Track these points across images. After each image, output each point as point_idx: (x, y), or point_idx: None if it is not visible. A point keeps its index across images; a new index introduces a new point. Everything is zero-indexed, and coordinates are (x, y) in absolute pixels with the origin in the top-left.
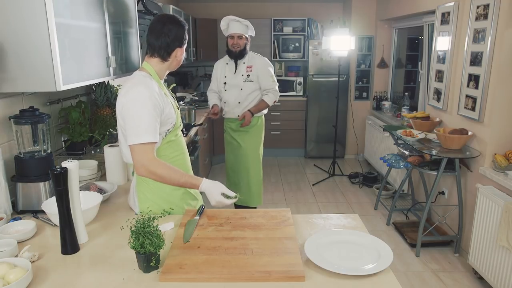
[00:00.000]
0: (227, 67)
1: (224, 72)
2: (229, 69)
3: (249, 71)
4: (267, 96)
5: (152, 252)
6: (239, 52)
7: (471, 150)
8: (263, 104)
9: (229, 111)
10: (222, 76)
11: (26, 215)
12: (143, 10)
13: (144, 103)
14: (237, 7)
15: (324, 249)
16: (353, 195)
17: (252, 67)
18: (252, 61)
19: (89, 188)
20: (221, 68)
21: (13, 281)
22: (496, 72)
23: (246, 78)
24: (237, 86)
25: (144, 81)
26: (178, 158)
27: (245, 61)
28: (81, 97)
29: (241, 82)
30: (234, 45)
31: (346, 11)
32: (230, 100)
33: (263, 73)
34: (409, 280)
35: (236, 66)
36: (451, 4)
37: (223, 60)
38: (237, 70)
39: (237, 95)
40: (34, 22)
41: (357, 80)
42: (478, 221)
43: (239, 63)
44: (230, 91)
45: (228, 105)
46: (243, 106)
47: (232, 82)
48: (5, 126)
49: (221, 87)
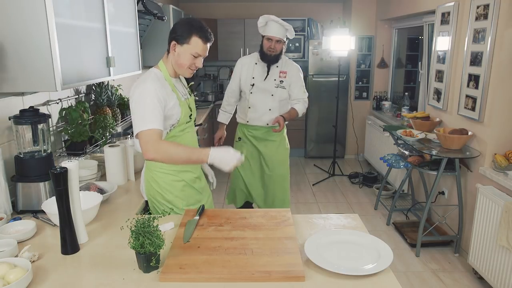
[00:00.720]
0: (256, 68)
1: (252, 73)
2: (258, 70)
3: (283, 77)
4: (298, 105)
5: (152, 252)
6: (274, 56)
7: (471, 150)
8: (294, 112)
9: (255, 117)
10: (249, 77)
11: (26, 215)
12: (143, 10)
13: (149, 95)
14: (237, 7)
15: (324, 249)
16: (353, 195)
17: (286, 73)
18: (286, 67)
19: (89, 188)
20: (249, 68)
21: (13, 281)
22: (496, 72)
23: (279, 84)
24: (268, 91)
25: (152, 76)
26: None
27: (278, 65)
28: (81, 97)
29: (273, 87)
30: (270, 49)
31: (346, 11)
32: (258, 105)
33: (296, 81)
34: (409, 280)
35: (269, 71)
36: (451, 4)
37: (250, 58)
38: (269, 74)
39: (268, 101)
40: (34, 22)
41: (357, 80)
42: (478, 221)
43: (272, 67)
44: (257, 95)
45: (255, 111)
46: (274, 114)
47: (261, 85)
48: (5, 126)
49: (247, 88)
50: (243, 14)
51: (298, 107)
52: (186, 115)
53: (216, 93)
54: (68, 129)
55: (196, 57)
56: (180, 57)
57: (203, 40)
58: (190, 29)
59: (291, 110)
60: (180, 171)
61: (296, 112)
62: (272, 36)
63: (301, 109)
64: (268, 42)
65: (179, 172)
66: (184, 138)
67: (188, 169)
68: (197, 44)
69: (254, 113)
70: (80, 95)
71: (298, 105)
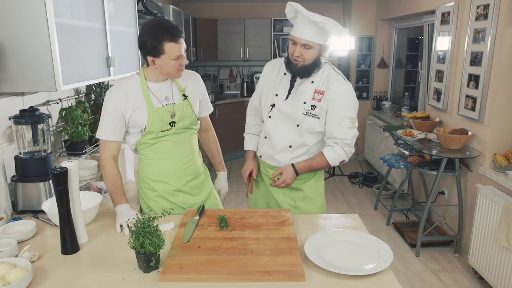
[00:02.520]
0: (284, 81)
1: (278, 86)
2: (284, 84)
3: (318, 99)
4: (332, 151)
5: (152, 252)
6: (301, 68)
7: (471, 150)
8: (321, 161)
9: (268, 154)
10: (272, 92)
11: (26, 215)
12: (143, 10)
13: (106, 104)
14: (237, 7)
15: (324, 249)
16: (353, 195)
17: (324, 94)
18: (327, 84)
19: (89, 188)
20: (276, 78)
21: (13, 281)
22: (496, 72)
23: (310, 109)
24: (292, 117)
25: (121, 83)
26: (158, 162)
27: (314, 80)
28: (81, 97)
29: (299, 113)
30: (295, 56)
31: (346, 11)
32: (276, 136)
33: (337, 110)
34: (409, 280)
35: (292, 86)
36: (451, 4)
37: (280, 63)
38: (294, 91)
39: (290, 132)
40: (34, 22)
41: (357, 80)
42: (478, 221)
43: (303, 83)
44: (277, 122)
45: (270, 144)
46: (296, 154)
47: (284, 107)
48: (5, 126)
49: (265, 108)
50: (243, 14)
51: (330, 154)
52: (159, 123)
53: (216, 93)
54: (68, 129)
55: (177, 58)
56: (163, 67)
57: (174, 41)
58: (158, 38)
59: (317, 157)
60: (153, 180)
61: (325, 161)
62: (297, 37)
63: (335, 157)
64: (292, 46)
65: (152, 181)
66: (159, 147)
67: (164, 180)
68: (172, 48)
69: (269, 147)
70: (80, 95)
71: (331, 151)
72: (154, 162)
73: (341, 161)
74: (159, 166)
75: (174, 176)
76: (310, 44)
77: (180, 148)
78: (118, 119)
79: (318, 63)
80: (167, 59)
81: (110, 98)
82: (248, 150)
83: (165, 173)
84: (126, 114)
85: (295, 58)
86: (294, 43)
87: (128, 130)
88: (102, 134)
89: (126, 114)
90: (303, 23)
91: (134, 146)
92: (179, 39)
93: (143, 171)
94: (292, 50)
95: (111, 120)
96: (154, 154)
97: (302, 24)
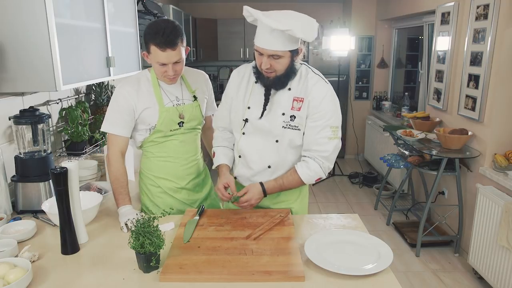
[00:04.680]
0: (256, 90)
1: (249, 97)
2: (257, 95)
3: (297, 108)
4: (306, 167)
5: (152, 252)
6: (274, 80)
7: (471, 150)
8: (294, 179)
9: (245, 176)
10: (243, 105)
11: (26, 215)
12: (143, 10)
13: (117, 98)
14: (237, 7)
15: (324, 249)
16: (353, 195)
17: (303, 102)
18: (306, 89)
19: (89, 188)
20: (245, 88)
21: (13, 281)
22: (496, 72)
23: (289, 121)
24: (270, 133)
25: (132, 79)
26: (165, 161)
27: (292, 87)
28: (81, 97)
29: (278, 127)
30: (263, 68)
31: (346, 11)
32: (251, 156)
33: (319, 117)
34: (409, 280)
35: (267, 100)
36: (451, 4)
37: (249, 71)
38: (270, 103)
39: (268, 150)
40: (34, 22)
41: (357, 80)
42: (478, 221)
43: (279, 93)
44: (252, 139)
45: (246, 164)
46: (277, 175)
47: (260, 123)
48: (5, 126)
49: (237, 123)
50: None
51: (304, 171)
52: (169, 123)
53: (216, 93)
54: (68, 129)
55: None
56: (153, 67)
57: (159, 47)
58: (146, 36)
59: (288, 175)
60: (157, 177)
61: (298, 179)
62: (261, 48)
63: (307, 174)
64: (259, 57)
65: (156, 178)
66: (167, 146)
67: (168, 178)
68: (156, 53)
69: (244, 168)
70: (80, 95)
71: (305, 166)
72: (160, 160)
73: (318, 178)
74: (166, 165)
75: (179, 175)
76: (278, 54)
77: (187, 147)
78: (128, 114)
79: (293, 70)
80: (153, 60)
81: (121, 92)
82: (220, 164)
83: (170, 171)
84: (136, 111)
85: (265, 70)
86: (260, 54)
87: (137, 127)
88: (112, 128)
89: (137, 110)
90: (265, 31)
91: (140, 143)
92: (165, 49)
93: (147, 168)
94: (259, 62)
95: (121, 114)
96: (161, 153)
97: (264, 32)
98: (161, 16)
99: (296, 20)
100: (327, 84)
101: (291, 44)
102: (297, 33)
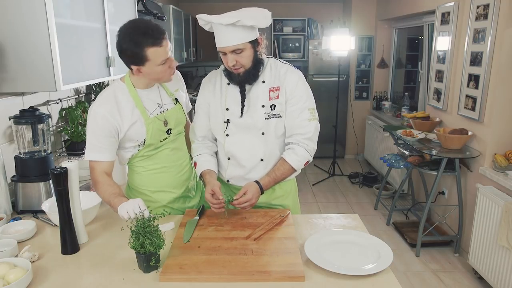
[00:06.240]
0: (230, 92)
1: (224, 99)
2: (232, 95)
3: (275, 96)
4: (293, 153)
5: (152, 252)
6: (245, 74)
7: (471, 150)
8: (285, 169)
9: (238, 176)
10: (221, 108)
11: (26, 215)
12: (143, 10)
13: (95, 119)
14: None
15: (324, 249)
16: (353, 195)
17: (280, 90)
18: (279, 77)
19: (89, 188)
20: (219, 91)
21: (13, 281)
22: (496, 72)
23: (270, 111)
24: (254, 127)
25: (107, 94)
26: (160, 172)
27: (265, 79)
28: (81, 97)
29: (261, 120)
30: (231, 66)
31: (346, 11)
32: (241, 155)
33: (296, 100)
34: (409, 280)
35: (244, 97)
36: (451, 4)
37: (219, 77)
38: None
39: (256, 144)
40: (34, 22)
41: (357, 80)
42: (478, 221)
43: (253, 87)
44: (238, 137)
45: (237, 164)
46: (269, 165)
47: (241, 121)
48: (5, 126)
49: (219, 128)
50: None
51: (292, 158)
52: (158, 134)
53: None
54: (68, 129)
55: (164, 62)
56: (151, 74)
57: (157, 45)
58: (138, 45)
59: (279, 166)
60: (154, 191)
61: (289, 167)
62: (222, 48)
63: (296, 160)
64: (224, 57)
65: (152, 192)
66: (159, 157)
67: (165, 189)
68: (156, 54)
69: (236, 168)
70: (80, 95)
71: (293, 153)
72: (154, 173)
73: (306, 162)
74: (162, 176)
75: (176, 183)
76: (239, 47)
77: (178, 154)
78: (112, 136)
79: (259, 61)
80: (153, 65)
81: (100, 112)
82: (203, 172)
83: (167, 182)
84: (121, 130)
85: (232, 67)
86: (224, 54)
87: (123, 145)
88: (98, 155)
89: (122, 130)
90: (220, 31)
91: (127, 160)
92: (162, 42)
93: (140, 184)
94: (225, 62)
95: (104, 138)
96: (153, 165)
97: (219, 32)
98: (162, 16)
99: (246, 12)
100: (297, 70)
101: (248, 35)
102: (247, 22)
